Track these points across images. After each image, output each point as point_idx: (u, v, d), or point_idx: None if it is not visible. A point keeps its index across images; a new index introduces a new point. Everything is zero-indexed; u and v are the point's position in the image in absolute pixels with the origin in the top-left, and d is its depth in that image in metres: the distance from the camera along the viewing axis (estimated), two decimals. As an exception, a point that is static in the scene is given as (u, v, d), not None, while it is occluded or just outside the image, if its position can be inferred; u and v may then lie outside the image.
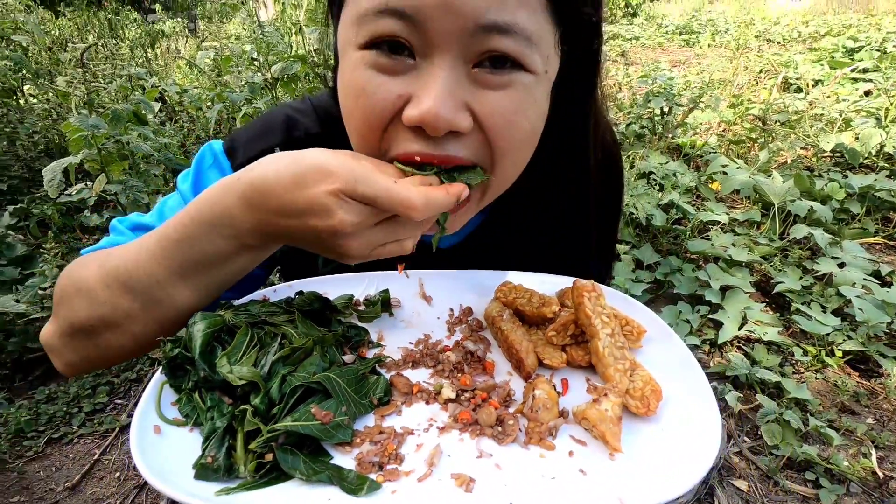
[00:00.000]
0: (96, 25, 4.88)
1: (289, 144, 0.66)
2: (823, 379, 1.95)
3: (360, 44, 0.47)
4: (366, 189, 0.42)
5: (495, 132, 0.49)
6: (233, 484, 0.40)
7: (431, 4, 0.42)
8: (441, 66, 0.45)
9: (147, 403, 0.45)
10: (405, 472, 0.42)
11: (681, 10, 12.00)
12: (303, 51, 2.85)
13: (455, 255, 0.73)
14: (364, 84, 0.47)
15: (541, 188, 0.67)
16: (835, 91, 4.48)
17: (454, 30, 0.43)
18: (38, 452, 1.57)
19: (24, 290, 1.80)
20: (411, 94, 0.46)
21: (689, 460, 0.42)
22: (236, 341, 0.46)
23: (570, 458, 0.44)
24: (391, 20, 0.44)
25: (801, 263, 2.40)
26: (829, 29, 7.84)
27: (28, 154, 2.98)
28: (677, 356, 0.55)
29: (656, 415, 0.49)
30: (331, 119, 0.67)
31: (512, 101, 0.48)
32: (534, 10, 0.45)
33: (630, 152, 3.22)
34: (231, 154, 0.68)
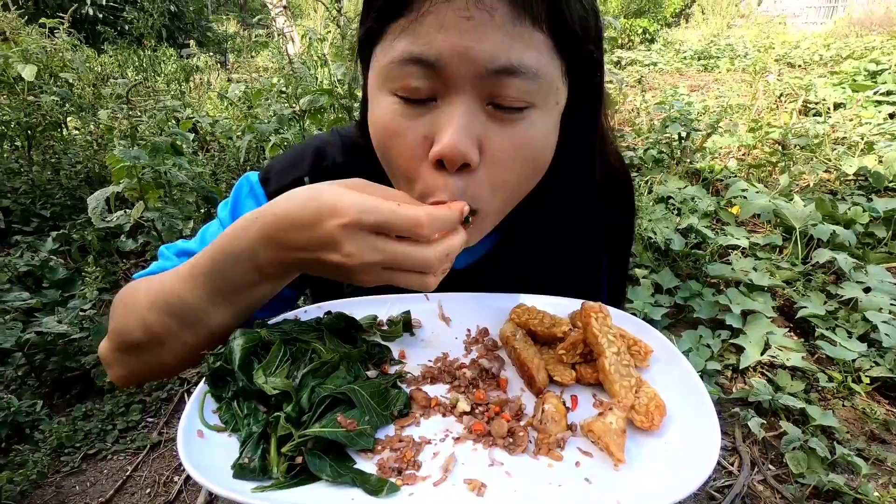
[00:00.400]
0: (135, 61, 5.18)
1: (316, 174, 0.73)
2: (851, 406, 1.91)
3: (388, 90, 0.54)
4: (372, 218, 0.46)
5: (498, 169, 0.55)
6: (266, 483, 0.44)
7: (448, 53, 0.49)
8: (458, 105, 0.51)
9: (191, 410, 0.50)
10: (422, 477, 0.45)
11: (699, 36, 12.07)
12: (328, 83, 2.99)
13: (469, 274, 0.77)
14: (395, 128, 0.54)
15: (550, 210, 0.72)
16: (857, 114, 4.45)
17: (468, 74, 0.50)
18: (75, 468, 1.64)
19: (65, 311, 1.90)
20: (434, 132, 0.52)
21: (688, 470, 0.45)
22: (271, 355, 0.51)
23: (577, 467, 0.48)
24: (415, 67, 0.50)
25: (824, 288, 2.37)
26: (851, 52, 7.79)
27: (70, 182, 3.16)
28: (682, 375, 0.58)
29: (660, 429, 0.52)
30: (355, 149, 0.74)
31: (520, 136, 0.54)
32: (539, 50, 0.51)
33: (648, 177, 3.24)
34: (265, 183, 0.74)
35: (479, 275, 0.77)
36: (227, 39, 10.30)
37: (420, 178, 0.56)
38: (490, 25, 0.48)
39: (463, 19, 0.48)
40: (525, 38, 0.49)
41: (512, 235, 0.76)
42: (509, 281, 0.75)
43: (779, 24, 13.51)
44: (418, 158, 0.54)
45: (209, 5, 14.17)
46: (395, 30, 0.51)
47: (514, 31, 0.49)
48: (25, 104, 3.11)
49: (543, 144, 0.57)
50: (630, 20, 13.42)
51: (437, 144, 0.52)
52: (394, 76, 0.52)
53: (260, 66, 5.52)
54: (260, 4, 15.01)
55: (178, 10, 9.79)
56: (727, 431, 1.84)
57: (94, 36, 7.13)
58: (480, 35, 0.48)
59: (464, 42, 0.48)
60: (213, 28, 11.54)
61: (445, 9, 0.48)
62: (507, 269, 0.77)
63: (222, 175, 2.92)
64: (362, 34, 0.57)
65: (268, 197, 0.73)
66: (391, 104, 0.54)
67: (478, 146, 0.53)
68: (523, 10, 0.48)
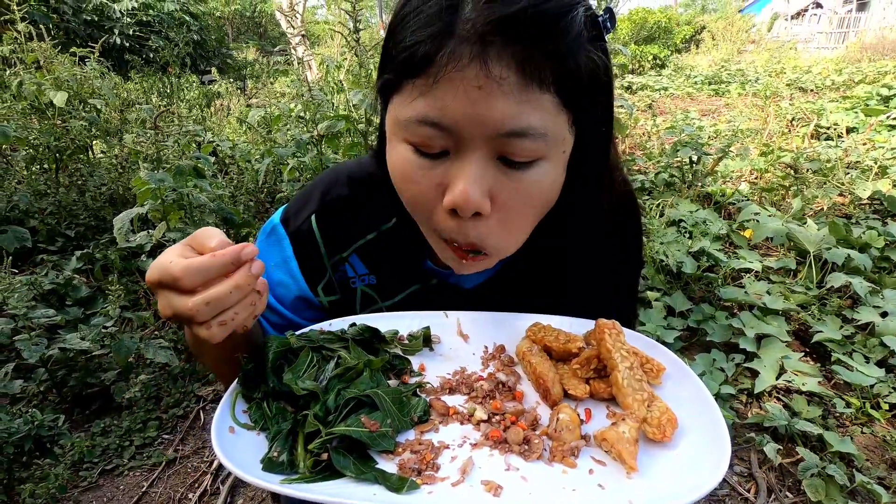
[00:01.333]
0: (160, 88, 5.38)
1: (323, 208, 0.78)
2: (871, 433, 1.87)
3: (404, 139, 0.58)
4: (156, 276, 0.50)
5: (510, 215, 0.59)
6: (293, 476, 0.47)
7: (462, 119, 0.52)
8: (470, 160, 0.55)
9: (224, 408, 0.53)
10: (440, 477, 0.48)
11: (709, 61, 12.19)
12: (344, 109, 3.08)
13: (477, 295, 0.81)
14: (411, 174, 0.58)
15: (556, 235, 0.74)
16: (870, 139, 4.45)
17: (480, 135, 0.53)
18: (92, 483, 1.67)
19: (88, 328, 1.95)
20: (448, 182, 0.56)
21: (700, 475, 0.47)
22: (300, 360, 0.55)
23: (590, 475, 0.50)
24: (429, 128, 0.54)
25: (840, 312, 2.35)
26: (863, 77, 7.81)
27: (95, 204, 3.26)
28: (694, 392, 0.60)
29: (672, 441, 0.54)
30: (362, 181, 0.79)
31: (528, 188, 0.57)
32: (547, 110, 0.53)
33: (659, 200, 3.26)
34: (286, 224, 0.80)
35: (487, 295, 0.80)
36: (247, 66, 10.64)
37: (435, 218, 0.60)
38: (499, 93, 0.51)
39: (475, 88, 0.50)
40: (533, 102, 0.52)
41: (519, 258, 0.78)
42: (516, 301, 0.78)
43: (790, 50, 13.61)
44: (433, 202, 0.59)
45: (230, 34, 14.68)
46: (412, 88, 0.54)
47: (523, 98, 0.51)
48: (55, 129, 3.24)
49: (550, 189, 0.61)
50: (640, 47, 13.62)
51: (450, 194, 0.55)
52: (410, 131, 0.56)
53: (277, 92, 5.69)
54: (278, 33, 15.53)
55: (200, 39, 10.14)
56: (742, 457, 1.81)
57: (121, 63, 7.42)
58: (491, 104, 0.51)
59: (475, 110, 0.51)
60: (234, 55, 11.92)
61: (458, 78, 0.50)
62: (513, 290, 0.80)
63: (240, 197, 3.00)
64: (381, 83, 0.60)
65: (289, 236, 0.79)
66: (407, 152, 0.58)
67: (489, 196, 0.56)
68: (531, 78, 0.51)
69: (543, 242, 0.74)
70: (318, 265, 0.79)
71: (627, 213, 0.82)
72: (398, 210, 0.72)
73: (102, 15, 9.54)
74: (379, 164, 0.73)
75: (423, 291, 0.81)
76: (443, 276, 0.80)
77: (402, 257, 0.78)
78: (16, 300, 1.85)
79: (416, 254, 0.78)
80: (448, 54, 0.51)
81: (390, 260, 0.79)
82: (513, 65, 0.50)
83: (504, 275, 0.81)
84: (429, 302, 0.79)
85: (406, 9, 0.55)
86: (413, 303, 0.80)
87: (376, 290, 0.81)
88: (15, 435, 1.41)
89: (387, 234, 0.78)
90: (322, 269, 0.80)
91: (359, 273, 0.80)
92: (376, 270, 0.80)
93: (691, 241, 2.73)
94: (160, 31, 9.92)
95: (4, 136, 2.77)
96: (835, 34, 17.54)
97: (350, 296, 0.81)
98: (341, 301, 0.82)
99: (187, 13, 10.93)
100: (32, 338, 1.80)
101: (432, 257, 0.79)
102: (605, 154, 0.68)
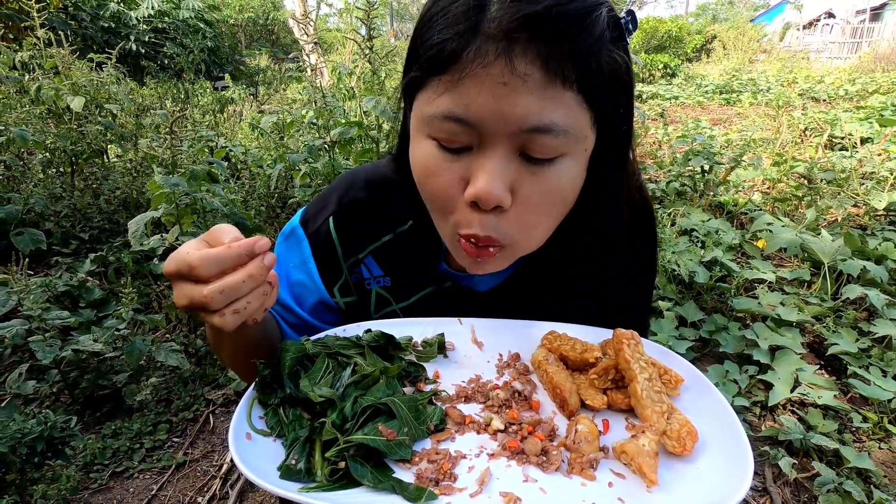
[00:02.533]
0: (174, 93, 5.45)
1: (340, 210, 0.79)
2: (888, 449, 1.84)
3: (428, 135, 0.59)
4: (174, 266, 0.52)
5: (529, 211, 0.59)
6: (311, 484, 0.47)
7: (486, 114, 0.53)
8: (493, 155, 0.55)
9: (240, 415, 0.53)
10: (458, 488, 0.47)
11: (720, 71, 12.15)
12: (355, 116, 3.10)
13: (493, 297, 0.81)
14: (434, 168, 0.59)
15: (572, 239, 0.75)
16: (885, 149, 4.40)
17: (503, 131, 0.54)
18: (102, 485, 1.67)
19: (101, 330, 1.97)
20: (469, 176, 0.57)
21: (722, 492, 0.46)
22: (316, 366, 0.54)
23: (610, 488, 0.49)
24: (454, 123, 0.55)
25: (856, 325, 2.32)
26: (877, 87, 7.75)
27: (109, 207, 3.30)
28: (713, 404, 0.59)
29: (692, 455, 0.53)
30: (379, 185, 0.80)
31: (549, 184, 0.58)
32: (569, 107, 0.54)
33: (671, 209, 3.24)
34: (305, 226, 0.81)
35: (501, 299, 0.81)
36: (259, 73, 10.76)
37: (455, 212, 0.61)
38: (523, 90, 0.52)
39: (500, 84, 0.52)
40: (556, 100, 0.53)
41: (534, 261, 0.78)
42: (530, 304, 0.79)
43: (802, 59, 13.54)
44: (454, 196, 0.59)
45: (243, 41, 14.87)
46: (438, 84, 0.55)
47: (546, 95, 0.52)
48: (72, 133, 3.29)
49: (571, 187, 0.61)
50: (651, 55, 13.60)
51: (472, 188, 0.56)
52: (435, 127, 0.57)
53: (290, 98, 5.74)
54: (291, 40, 15.70)
55: (214, 46, 10.27)
56: (756, 471, 1.78)
57: (137, 69, 7.54)
58: (515, 100, 0.52)
59: (500, 106, 0.52)
60: (246, 62, 12.07)
61: (484, 74, 0.52)
62: (527, 295, 0.80)
63: (252, 202, 3.02)
64: (406, 80, 0.61)
65: (308, 238, 0.80)
66: (430, 147, 0.59)
67: (510, 190, 0.57)
68: (555, 75, 0.52)
69: (559, 247, 0.74)
70: (335, 267, 0.80)
71: (644, 221, 0.81)
72: (414, 213, 0.74)
73: (119, 22, 9.71)
74: (397, 168, 0.74)
75: (437, 294, 0.81)
76: (457, 279, 0.80)
77: (417, 259, 0.79)
78: (31, 301, 1.87)
79: (431, 256, 0.79)
80: (474, 51, 0.52)
81: (405, 262, 0.80)
82: (537, 62, 0.51)
83: (518, 279, 0.81)
84: (442, 305, 0.80)
85: (434, 9, 0.56)
86: (427, 305, 0.81)
87: (391, 292, 0.82)
88: (28, 436, 1.42)
89: (402, 236, 0.79)
90: (339, 271, 0.81)
91: (374, 274, 0.81)
92: (391, 272, 0.81)
93: (703, 250, 2.70)
94: (175, 38, 10.07)
95: (23, 140, 2.81)
96: (847, 44, 17.42)
97: (365, 297, 0.82)
98: (357, 303, 0.83)
99: (202, 20, 11.09)
100: (46, 339, 1.82)
101: (447, 259, 0.80)
102: (625, 156, 0.68)
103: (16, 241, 2.60)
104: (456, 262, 0.78)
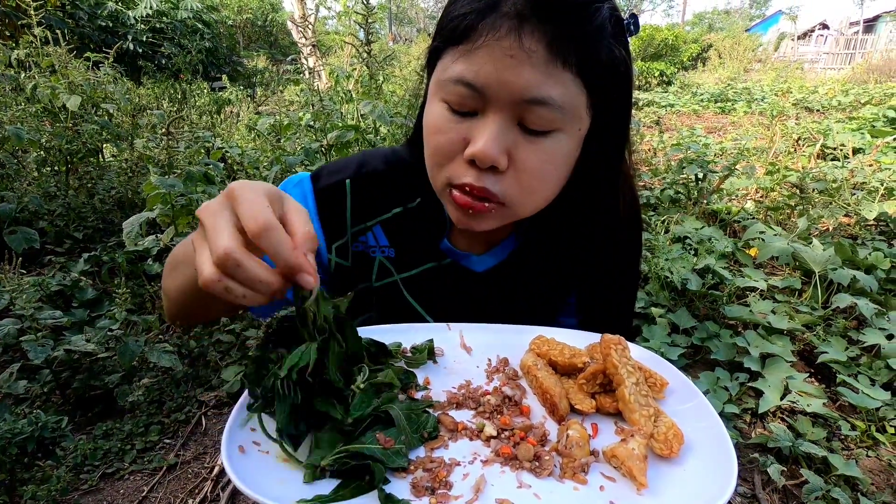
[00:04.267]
0: (171, 94, 5.44)
1: (358, 178, 0.84)
2: (876, 457, 1.86)
3: (441, 98, 0.65)
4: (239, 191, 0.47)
5: (525, 175, 0.65)
6: (309, 498, 0.47)
7: (493, 82, 0.60)
8: (494, 120, 0.62)
9: (232, 428, 0.53)
10: (454, 496, 0.48)
11: (716, 79, 12.26)
12: (353, 120, 3.11)
13: (489, 278, 0.85)
14: (441, 126, 0.66)
15: (570, 223, 0.81)
16: (876, 160, 4.45)
17: (505, 98, 0.60)
18: (93, 486, 1.66)
19: (94, 331, 1.96)
20: (471, 137, 0.63)
21: (708, 493, 0.47)
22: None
23: (601, 491, 0.50)
24: (464, 87, 0.62)
25: (846, 334, 2.34)
26: (870, 98, 7.84)
27: (103, 207, 3.29)
28: (697, 406, 0.60)
29: (678, 457, 0.54)
30: (396, 162, 0.85)
31: (544, 153, 0.64)
32: (567, 86, 0.60)
33: (665, 216, 3.27)
34: (316, 180, 0.84)
35: (497, 280, 0.85)
36: (257, 74, 10.75)
37: (451, 166, 0.67)
38: (528, 64, 0.58)
39: (507, 57, 0.58)
40: (556, 77, 0.59)
41: (530, 244, 0.84)
42: (525, 286, 0.84)
43: (796, 70, 13.67)
44: (454, 153, 0.66)
45: (241, 42, 14.85)
46: (455, 52, 0.62)
47: (547, 71, 0.59)
48: (67, 132, 3.28)
49: (564, 161, 0.67)
50: (647, 63, 13.71)
51: (472, 147, 0.62)
52: (447, 90, 0.64)
53: (287, 100, 5.74)
54: (289, 42, 15.70)
55: (212, 47, 10.26)
56: (746, 478, 1.80)
57: (134, 69, 7.52)
58: (519, 72, 0.58)
59: (505, 75, 0.59)
60: (244, 63, 12.05)
61: (495, 46, 0.59)
62: (522, 278, 0.85)
63: (248, 203, 3.02)
64: (430, 49, 0.69)
65: (315, 193, 0.83)
66: (441, 109, 0.65)
67: (506, 154, 0.63)
68: (557, 55, 0.59)
69: (555, 233, 0.81)
70: (336, 226, 0.84)
71: (633, 223, 0.86)
72: (424, 192, 0.79)
73: (117, 21, 9.69)
74: (411, 152, 0.81)
75: (436, 271, 0.85)
76: (457, 257, 0.84)
77: (422, 234, 0.84)
78: (23, 301, 1.86)
79: (436, 232, 0.83)
80: (489, 25, 0.59)
81: (411, 236, 0.84)
82: (543, 41, 0.58)
83: (514, 262, 0.85)
84: (441, 283, 0.84)
85: None
86: (426, 281, 0.85)
87: (393, 264, 0.85)
88: (19, 436, 1.42)
89: (411, 211, 0.84)
90: (339, 232, 0.84)
91: (380, 244, 0.85)
92: (396, 244, 0.85)
93: (696, 258, 2.72)
94: (173, 39, 10.06)
95: (18, 139, 2.80)
96: (841, 55, 17.62)
97: (367, 265, 0.86)
98: (348, 271, 0.86)
99: (200, 21, 11.08)
100: (38, 339, 1.81)
101: (450, 236, 0.84)
102: (621, 150, 0.74)
103: (9, 239, 2.58)
104: (458, 240, 0.84)
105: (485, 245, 0.85)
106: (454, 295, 0.85)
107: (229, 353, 2.26)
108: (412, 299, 0.86)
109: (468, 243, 0.85)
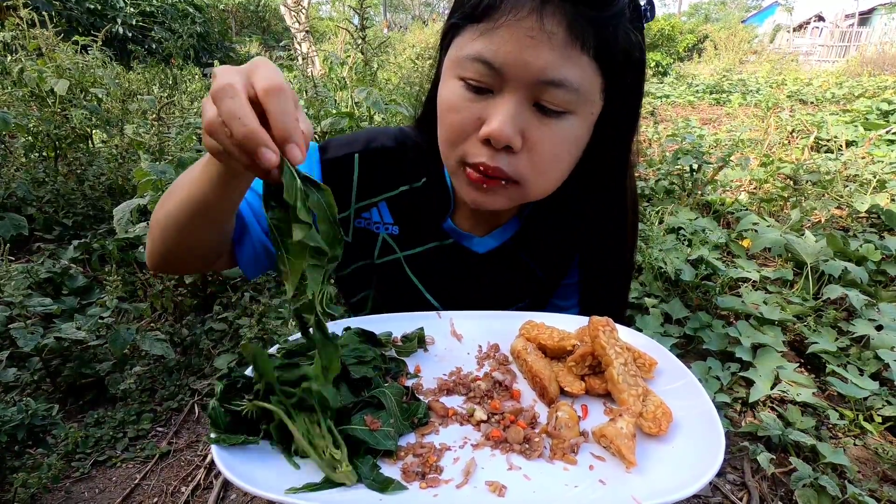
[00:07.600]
0: (162, 79, 5.36)
1: (366, 152, 0.83)
2: (863, 445, 1.88)
3: (457, 76, 0.65)
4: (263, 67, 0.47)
5: (538, 156, 0.65)
6: (299, 486, 0.46)
7: (511, 61, 0.60)
8: (510, 100, 0.62)
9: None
10: (444, 480, 0.48)
11: (711, 70, 12.23)
12: (346, 107, 3.07)
13: (490, 260, 0.85)
14: (456, 104, 0.66)
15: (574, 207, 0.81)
16: (869, 152, 4.47)
17: (523, 78, 0.61)
18: (84, 474, 1.66)
19: (85, 318, 1.95)
20: (486, 116, 0.63)
21: (697, 468, 0.48)
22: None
23: (591, 470, 0.50)
24: (482, 65, 0.62)
25: (836, 324, 2.36)
26: (863, 91, 7.86)
27: (93, 193, 3.25)
28: (686, 384, 0.61)
29: (667, 434, 0.54)
30: (405, 138, 0.85)
31: (556, 135, 0.64)
32: (584, 69, 0.61)
33: (659, 207, 3.27)
34: (323, 151, 0.83)
35: (497, 261, 0.86)
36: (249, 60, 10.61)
37: (465, 145, 0.67)
38: (547, 45, 0.59)
39: (528, 37, 0.59)
40: (573, 59, 0.60)
41: (531, 227, 0.85)
42: (526, 266, 0.85)
43: (791, 62, 13.67)
44: (469, 132, 0.66)
45: (233, 27, 14.65)
46: (474, 30, 0.62)
47: (565, 53, 0.59)
48: (56, 117, 3.23)
49: (576, 143, 0.67)
50: (643, 54, 13.63)
51: (487, 126, 0.63)
52: (465, 67, 0.64)
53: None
54: (282, 28, 15.50)
55: (204, 31, 10.10)
56: (736, 466, 1.82)
57: (124, 54, 7.40)
58: (538, 52, 0.59)
59: (524, 56, 0.59)
60: (237, 49, 11.89)
61: (516, 26, 0.59)
62: (522, 258, 0.86)
63: (240, 190, 2.99)
64: (447, 26, 0.69)
65: (321, 163, 0.82)
66: (457, 87, 0.65)
67: (521, 135, 0.63)
68: (576, 38, 0.59)
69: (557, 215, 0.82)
70: (342, 200, 0.83)
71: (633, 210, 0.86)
72: (430, 172, 0.79)
73: (105, 4, 9.51)
74: (419, 131, 0.81)
75: (438, 250, 0.85)
76: (459, 238, 0.85)
77: (426, 213, 0.84)
78: (12, 288, 1.84)
79: (439, 212, 0.84)
80: (511, 5, 0.59)
81: (415, 214, 0.85)
82: (563, 23, 0.58)
83: (514, 244, 0.86)
84: (442, 262, 0.85)
85: None
86: (428, 260, 0.85)
87: (397, 241, 0.85)
88: (8, 424, 1.40)
89: (416, 190, 0.84)
90: (344, 205, 0.84)
91: (384, 221, 0.85)
92: (400, 222, 0.85)
93: (690, 248, 2.73)
94: (164, 23, 9.89)
95: (4, 123, 2.75)
96: (836, 47, 17.63)
97: (370, 241, 0.86)
98: (350, 246, 0.86)
99: (191, 5, 10.91)
100: (28, 326, 1.79)
101: (453, 217, 0.84)
102: (629, 140, 0.74)
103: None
104: (462, 221, 0.84)
105: (487, 227, 0.85)
106: (454, 274, 0.85)
107: (222, 342, 2.25)
108: (414, 277, 0.86)
109: (471, 224, 0.85)
